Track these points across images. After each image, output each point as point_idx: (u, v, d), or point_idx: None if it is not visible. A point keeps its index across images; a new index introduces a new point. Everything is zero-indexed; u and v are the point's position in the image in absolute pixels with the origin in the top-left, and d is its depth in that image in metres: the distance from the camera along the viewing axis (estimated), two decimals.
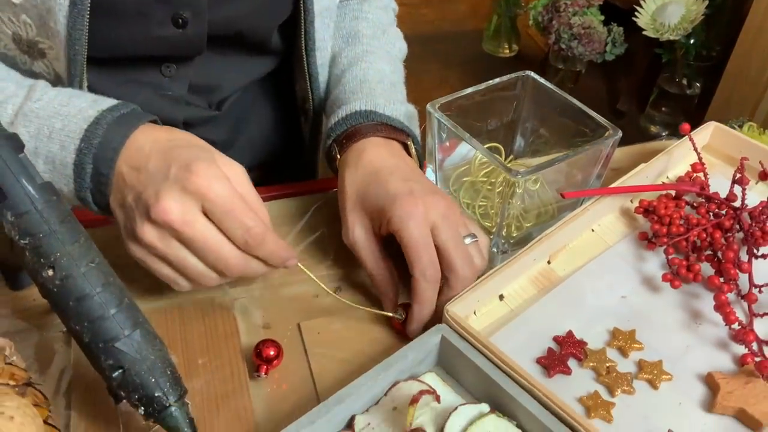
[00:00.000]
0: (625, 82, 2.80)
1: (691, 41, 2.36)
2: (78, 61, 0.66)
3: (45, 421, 0.48)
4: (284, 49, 0.83)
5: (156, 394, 0.51)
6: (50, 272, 0.50)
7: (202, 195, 0.56)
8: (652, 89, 2.63)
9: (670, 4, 2.23)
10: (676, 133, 0.84)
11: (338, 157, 0.70)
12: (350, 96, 0.74)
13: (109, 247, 0.58)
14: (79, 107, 0.61)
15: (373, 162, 0.67)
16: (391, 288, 0.66)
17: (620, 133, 0.68)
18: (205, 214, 0.57)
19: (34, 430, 0.45)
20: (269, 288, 0.70)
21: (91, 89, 0.69)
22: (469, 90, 0.73)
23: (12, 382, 0.49)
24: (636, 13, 2.24)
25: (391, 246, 0.65)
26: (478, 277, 0.64)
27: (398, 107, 0.72)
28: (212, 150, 0.60)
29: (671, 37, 2.21)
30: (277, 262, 0.60)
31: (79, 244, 0.51)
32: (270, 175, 0.90)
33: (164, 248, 0.57)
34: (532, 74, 0.74)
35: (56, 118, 0.61)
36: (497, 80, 0.74)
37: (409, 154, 0.71)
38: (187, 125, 0.79)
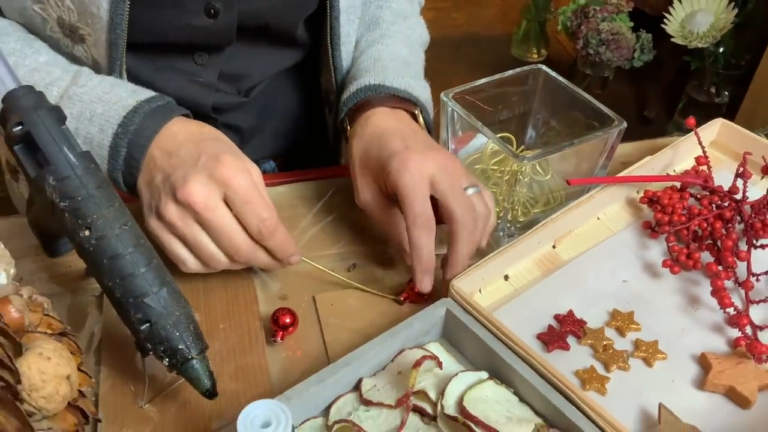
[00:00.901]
0: (653, 89, 2.80)
1: (720, 49, 2.36)
2: (119, 45, 0.71)
3: (78, 368, 0.53)
4: (310, 43, 0.88)
5: (179, 347, 0.55)
6: (87, 232, 0.55)
7: (226, 184, 0.61)
8: (680, 97, 2.63)
9: (699, 11, 2.23)
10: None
11: (348, 128, 0.75)
12: (363, 73, 0.78)
13: (139, 221, 0.63)
14: (120, 95, 0.67)
15: (377, 127, 0.71)
16: (399, 238, 0.69)
17: (625, 124, 0.71)
18: (225, 203, 0.62)
19: (69, 371, 0.50)
20: None
21: (129, 73, 0.74)
22: (483, 81, 0.76)
23: (49, 331, 0.54)
24: (665, 20, 2.24)
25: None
26: (483, 254, 0.68)
27: (407, 80, 0.76)
28: (237, 149, 0.66)
29: (700, 45, 2.22)
30: (283, 255, 0.65)
31: (114, 208, 0.56)
32: (293, 164, 0.94)
33: (183, 227, 0.62)
34: (544, 68, 0.78)
35: (98, 103, 0.67)
36: (510, 72, 0.78)
37: (417, 122, 0.75)
38: (216, 110, 0.84)
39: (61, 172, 0.55)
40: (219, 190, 0.61)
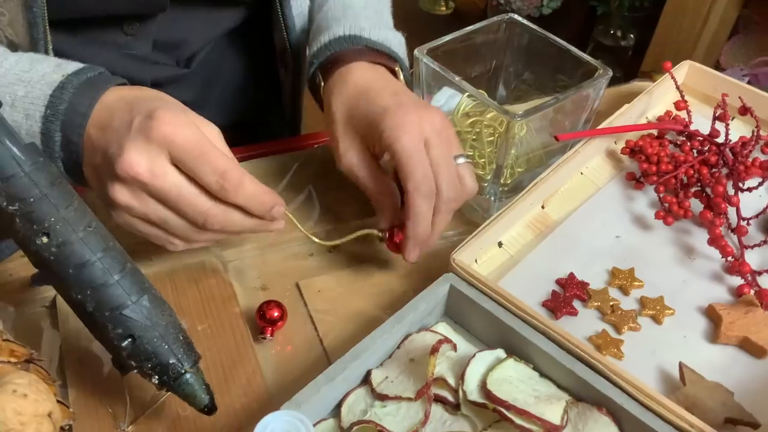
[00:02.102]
0: (561, 36, 2.81)
1: None
2: (38, 24, 0.61)
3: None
4: (254, 0, 0.79)
5: (170, 361, 0.48)
6: (45, 239, 0.47)
7: (168, 142, 0.51)
8: (588, 42, 2.66)
9: None
10: (611, 85, 0.84)
11: (323, 84, 0.67)
12: (333, 22, 0.70)
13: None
14: (43, 72, 0.56)
15: (361, 83, 0.64)
16: (390, 206, 0.62)
17: (610, 72, 0.68)
18: (176, 167, 0.53)
19: (50, 407, 0.42)
20: (262, 249, 0.67)
21: (55, 52, 0.64)
22: (453, 35, 0.71)
23: (13, 359, 0.45)
24: None
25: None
26: (480, 222, 0.63)
27: (385, 32, 0.69)
28: (183, 106, 0.56)
29: None
30: (260, 209, 0.55)
31: (74, 207, 0.48)
32: (248, 135, 0.86)
33: (141, 207, 0.53)
34: (516, 16, 0.73)
35: (18, 84, 0.56)
36: (480, 24, 0.73)
37: (398, 79, 0.68)
38: (155, 85, 0.75)
39: (5, 170, 0.46)
40: (162, 151, 0.51)
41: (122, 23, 0.71)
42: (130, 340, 0.48)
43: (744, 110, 0.75)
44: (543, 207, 0.71)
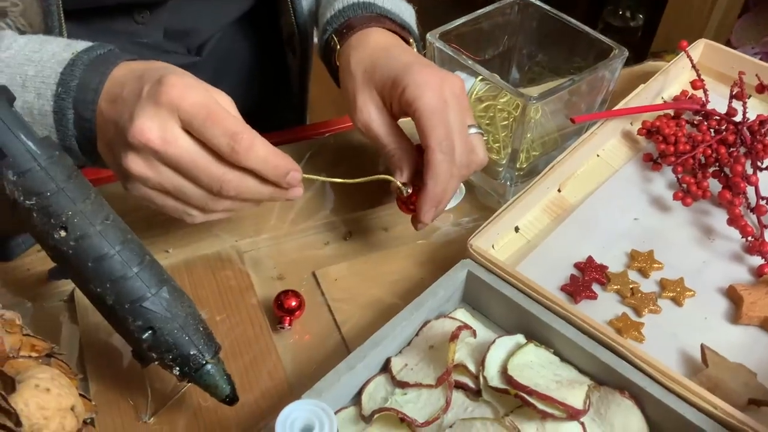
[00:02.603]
0: (570, 16, 2.79)
1: None
2: (53, 13, 0.61)
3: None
4: None
5: (191, 353, 0.48)
6: (63, 233, 0.46)
7: (176, 106, 0.50)
8: (597, 23, 2.64)
9: None
10: (624, 66, 0.83)
11: (338, 48, 0.66)
12: None
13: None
14: (53, 51, 0.56)
15: (381, 43, 0.63)
16: (409, 163, 0.61)
17: (626, 53, 0.67)
18: (188, 132, 0.51)
19: (72, 400, 0.42)
20: (278, 238, 0.67)
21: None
22: (465, 18, 0.70)
23: (34, 354, 0.45)
24: None
25: None
26: (497, 207, 0.63)
27: (399, 3, 0.68)
28: (190, 75, 0.54)
29: None
30: (276, 173, 0.53)
31: (91, 200, 0.48)
32: (257, 123, 0.85)
33: (156, 176, 0.52)
34: None
35: (28, 65, 0.55)
36: (492, 6, 0.72)
37: None
38: None
39: (21, 165, 0.46)
40: (171, 116, 0.50)
41: (133, 12, 0.70)
42: (150, 332, 0.48)
43: (762, 88, 0.74)
44: (559, 190, 0.70)
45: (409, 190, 0.60)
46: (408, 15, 0.69)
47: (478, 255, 0.59)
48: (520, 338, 0.56)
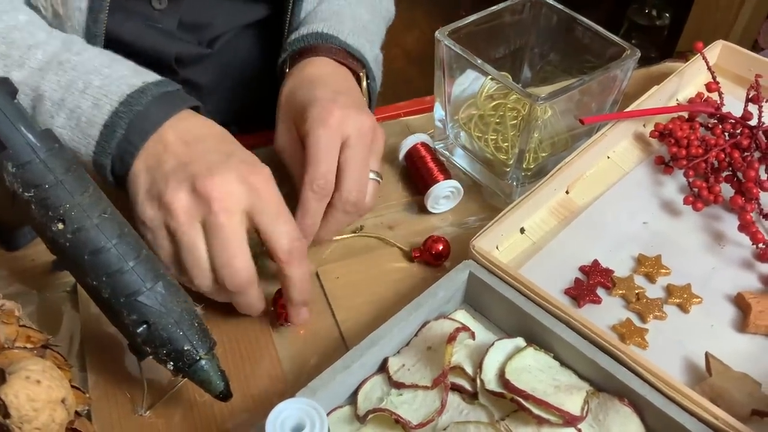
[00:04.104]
0: (594, 15, 2.73)
1: None
2: None
3: (69, 384, 0.45)
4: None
5: (185, 348, 0.48)
6: (60, 225, 0.47)
7: (257, 191, 0.52)
8: (623, 22, 2.60)
9: None
10: (646, 65, 0.82)
11: (286, 71, 0.67)
12: (318, 21, 0.70)
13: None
14: (122, 74, 0.57)
15: (314, 73, 0.64)
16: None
17: (638, 53, 0.65)
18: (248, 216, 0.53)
19: (63, 392, 0.42)
20: None
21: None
22: (475, 16, 0.69)
23: (29, 345, 0.46)
24: None
25: None
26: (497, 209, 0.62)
27: (362, 42, 0.69)
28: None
29: None
30: (299, 296, 0.56)
31: (89, 193, 0.48)
32: (255, 121, 0.85)
33: (186, 223, 0.52)
34: None
35: (96, 75, 0.56)
36: (504, 4, 0.71)
37: (360, 86, 0.68)
38: (179, 62, 0.75)
39: (21, 157, 0.46)
40: (247, 198, 0.52)
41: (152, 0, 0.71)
42: (145, 326, 0.48)
43: None
44: (567, 192, 0.69)
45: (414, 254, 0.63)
46: (370, 55, 0.71)
47: (480, 256, 0.58)
48: (519, 341, 0.55)
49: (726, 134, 0.71)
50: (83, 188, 0.47)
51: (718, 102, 0.73)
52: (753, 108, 0.71)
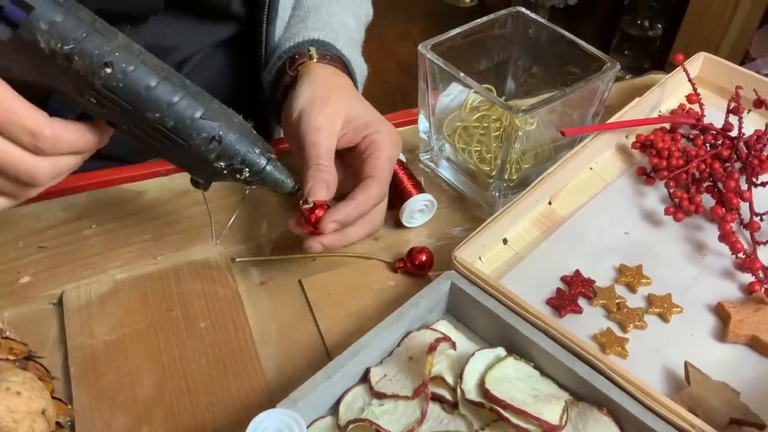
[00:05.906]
0: (587, 27, 2.77)
1: None
2: None
3: (51, 395, 0.46)
4: (246, 16, 0.79)
5: (256, 152, 0.53)
6: (108, 70, 0.48)
7: None
8: (615, 33, 2.62)
9: None
10: (639, 75, 0.83)
11: (287, 71, 0.68)
12: (311, 31, 0.72)
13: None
14: None
15: (341, 83, 0.67)
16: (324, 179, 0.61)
17: (618, 66, 0.66)
18: None
19: (43, 404, 0.42)
20: (266, 246, 0.67)
21: None
22: (459, 30, 0.70)
23: (11, 357, 0.46)
24: None
25: None
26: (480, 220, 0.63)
27: (356, 56, 0.72)
28: None
29: None
30: (87, 146, 0.52)
31: (123, 35, 0.49)
32: None
33: None
34: (523, 10, 0.72)
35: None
36: (486, 18, 0.72)
37: None
38: None
39: (49, 13, 0.46)
40: None
41: (114, 23, 0.71)
42: (216, 142, 0.51)
43: (759, 103, 0.73)
44: (550, 203, 0.70)
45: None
46: (359, 70, 0.73)
47: (461, 266, 0.59)
48: (500, 351, 0.55)
49: (707, 145, 0.72)
50: (114, 32, 0.49)
51: (700, 113, 0.74)
52: (734, 119, 0.72)
